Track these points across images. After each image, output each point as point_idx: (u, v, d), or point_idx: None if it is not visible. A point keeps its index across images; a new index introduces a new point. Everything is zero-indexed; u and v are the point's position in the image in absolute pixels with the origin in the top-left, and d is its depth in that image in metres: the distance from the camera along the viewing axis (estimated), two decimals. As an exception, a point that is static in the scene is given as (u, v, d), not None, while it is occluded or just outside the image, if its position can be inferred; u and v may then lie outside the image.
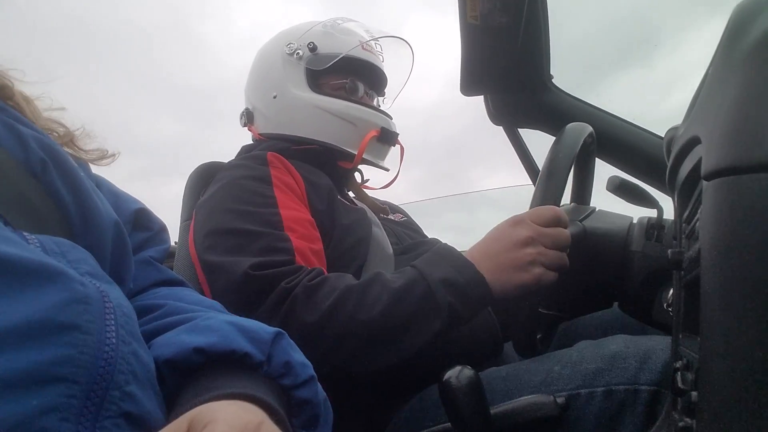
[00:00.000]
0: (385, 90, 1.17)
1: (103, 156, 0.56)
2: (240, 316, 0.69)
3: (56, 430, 0.26)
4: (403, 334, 0.70)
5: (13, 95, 0.48)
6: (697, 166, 0.41)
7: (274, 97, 1.06)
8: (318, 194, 0.95)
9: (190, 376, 0.40)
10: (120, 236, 0.47)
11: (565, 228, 0.73)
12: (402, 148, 1.13)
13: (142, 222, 0.58)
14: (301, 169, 0.98)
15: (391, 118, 1.12)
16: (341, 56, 1.03)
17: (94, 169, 0.57)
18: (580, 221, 0.84)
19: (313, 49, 1.04)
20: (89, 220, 0.43)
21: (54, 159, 0.42)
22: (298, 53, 1.05)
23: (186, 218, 1.04)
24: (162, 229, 0.61)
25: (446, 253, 0.75)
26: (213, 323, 0.43)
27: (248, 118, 1.14)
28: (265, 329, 0.43)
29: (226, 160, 1.09)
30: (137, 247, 0.56)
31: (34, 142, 0.42)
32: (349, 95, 1.07)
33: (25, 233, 0.35)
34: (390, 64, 1.15)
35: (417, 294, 0.71)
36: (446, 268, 0.72)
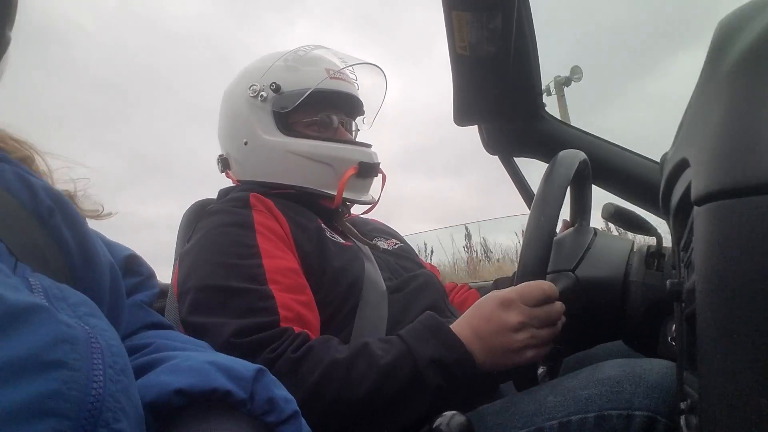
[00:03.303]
0: (364, 109, 1.12)
1: (98, 215, 0.61)
2: None
3: None
4: (389, 412, 0.68)
5: (34, 164, 0.54)
6: (688, 191, 0.38)
7: (245, 144, 1.01)
8: (305, 235, 0.91)
9: (173, 419, 0.40)
10: (115, 279, 0.50)
11: (556, 300, 0.72)
12: (384, 177, 1.09)
13: (133, 267, 0.61)
14: (286, 208, 0.94)
15: (371, 146, 1.07)
16: (308, 93, 0.97)
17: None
18: (574, 269, 0.81)
19: (276, 89, 0.98)
20: (89, 263, 0.46)
21: (60, 206, 0.46)
22: (262, 95, 0.99)
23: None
24: (151, 275, 0.64)
25: (436, 327, 0.73)
26: (193, 363, 0.44)
27: (224, 165, 1.10)
28: (246, 366, 0.44)
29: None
30: (128, 291, 0.58)
31: (43, 191, 0.47)
32: (323, 131, 1.02)
33: (30, 279, 0.37)
34: (366, 85, 1.10)
35: (405, 373, 0.68)
36: (435, 345, 0.70)
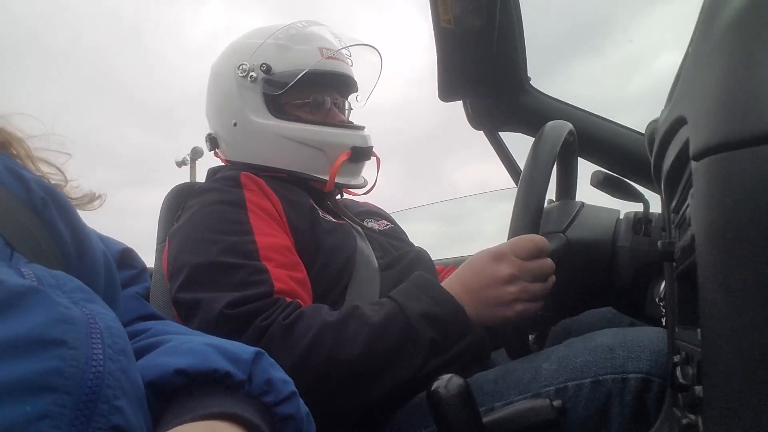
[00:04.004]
0: (358, 87, 1.09)
1: (91, 200, 0.61)
2: None
3: None
4: (384, 370, 0.69)
5: (11, 147, 0.53)
6: (684, 149, 0.39)
7: (234, 125, 0.99)
8: (298, 213, 0.91)
9: (173, 398, 0.41)
10: (109, 268, 0.51)
11: (547, 256, 0.72)
12: (378, 160, 1.08)
13: (127, 261, 0.62)
14: (277, 187, 0.93)
15: (364, 128, 1.05)
16: (299, 77, 0.94)
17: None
18: (564, 231, 0.82)
19: (267, 70, 0.95)
20: (83, 253, 0.47)
21: (53, 198, 0.47)
22: (252, 76, 0.96)
23: (161, 240, 1.00)
24: (144, 269, 0.65)
25: (425, 284, 0.74)
26: (193, 345, 0.45)
27: (212, 144, 1.07)
28: (245, 349, 0.45)
29: (202, 180, 1.04)
30: (123, 284, 0.59)
31: (35, 183, 0.47)
32: (315, 112, 1.00)
33: (23, 269, 0.38)
34: (360, 63, 1.07)
35: (396, 329, 0.69)
36: (426, 301, 0.71)
